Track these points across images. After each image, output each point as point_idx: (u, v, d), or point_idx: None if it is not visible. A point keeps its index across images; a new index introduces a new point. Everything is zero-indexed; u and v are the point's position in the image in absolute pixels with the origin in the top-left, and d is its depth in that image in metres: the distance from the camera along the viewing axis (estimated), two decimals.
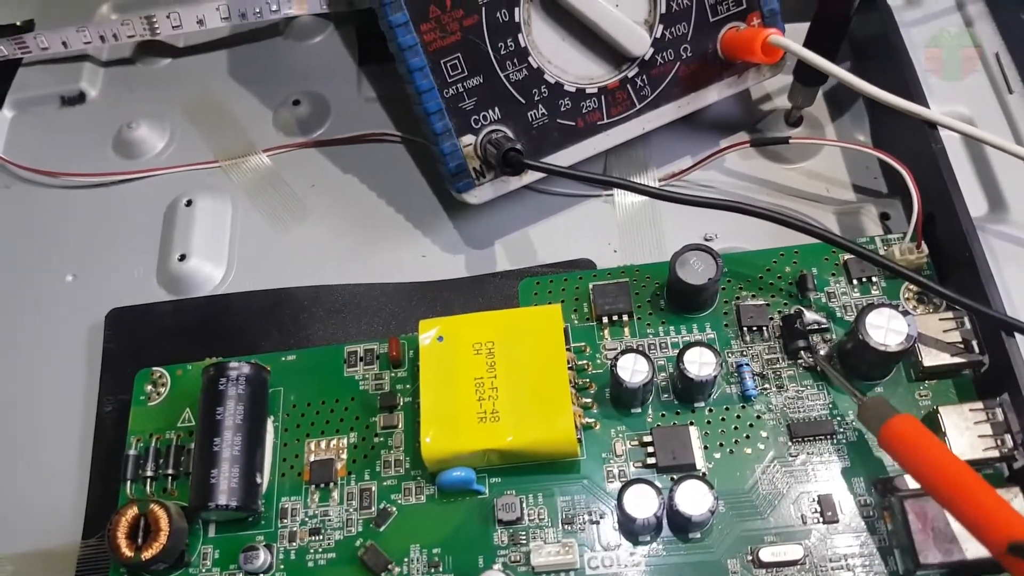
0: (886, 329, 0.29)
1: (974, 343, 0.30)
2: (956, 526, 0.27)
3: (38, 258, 0.42)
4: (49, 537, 0.34)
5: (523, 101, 0.35)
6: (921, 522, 0.27)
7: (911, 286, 0.33)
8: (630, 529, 0.29)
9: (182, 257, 0.40)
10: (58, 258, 0.42)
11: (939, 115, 0.33)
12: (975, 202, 0.37)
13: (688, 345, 0.30)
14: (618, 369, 0.30)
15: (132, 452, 0.33)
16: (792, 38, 0.36)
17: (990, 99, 0.39)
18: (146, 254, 0.41)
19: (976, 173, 0.37)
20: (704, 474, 0.30)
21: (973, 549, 0.27)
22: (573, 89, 0.36)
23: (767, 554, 0.28)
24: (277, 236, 0.41)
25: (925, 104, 0.36)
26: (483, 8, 0.34)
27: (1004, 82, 0.39)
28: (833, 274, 0.33)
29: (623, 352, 0.30)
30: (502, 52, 0.34)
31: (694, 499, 0.28)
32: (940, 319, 0.31)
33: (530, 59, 0.35)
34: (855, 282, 0.33)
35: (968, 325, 0.31)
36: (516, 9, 0.34)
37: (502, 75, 0.35)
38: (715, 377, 0.30)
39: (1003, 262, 0.34)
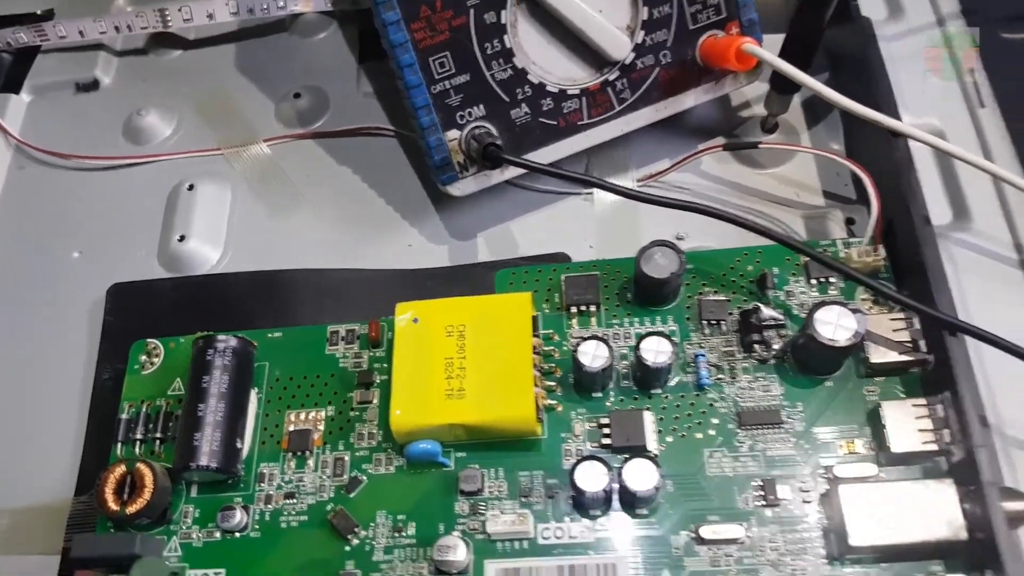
0: (835, 325, 0.31)
1: (921, 343, 0.32)
2: (887, 511, 0.28)
3: (48, 235, 0.45)
4: (45, 493, 0.36)
5: (507, 99, 0.37)
6: (853, 506, 0.28)
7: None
8: (581, 503, 0.30)
9: (182, 238, 0.42)
10: (67, 235, 0.44)
11: (898, 124, 0.34)
12: (940, 211, 0.38)
13: (647, 334, 0.32)
14: (579, 354, 0.32)
15: (124, 416, 0.35)
16: (771, 48, 0.38)
17: (962, 113, 0.40)
18: (149, 234, 0.43)
19: (943, 183, 0.39)
20: (656, 455, 0.31)
21: (903, 533, 0.28)
22: (555, 90, 0.37)
23: (708, 532, 0.30)
24: (272, 221, 0.43)
25: (896, 114, 0.37)
26: (471, 10, 0.36)
27: (977, 96, 0.41)
28: (793, 274, 0.35)
29: (586, 339, 0.32)
30: (488, 52, 0.36)
31: (640, 476, 0.29)
32: (891, 319, 0.32)
33: (515, 60, 0.37)
34: (813, 282, 0.34)
35: (917, 326, 0.32)
36: (503, 12, 0.36)
37: (488, 74, 0.37)
38: (670, 365, 0.31)
39: (962, 269, 0.36)
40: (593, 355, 0.32)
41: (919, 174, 0.37)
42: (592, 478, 0.30)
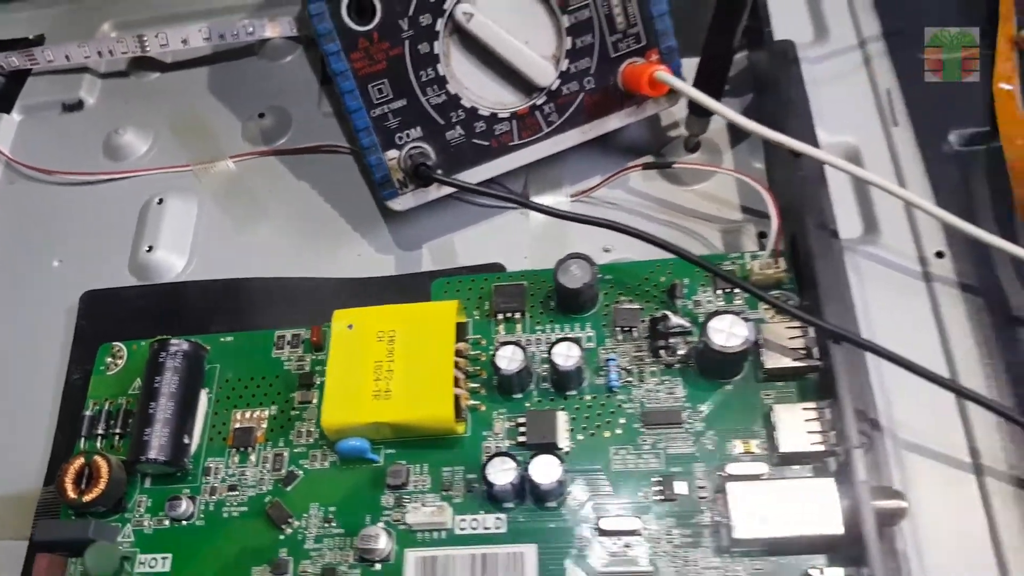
0: (727, 333, 0.33)
1: (815, 350, 0.34)
2: (771, 507, 0.31)
3: (31, 245, 0.48)
4: (17, 483, 0.40)
5: (442, 122, 0.40)
6: (739, 501, 0.31)
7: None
8: (493, 495, 0.33)
9: (150, 248, 0.46)
10: (47, 246, 0.48)
11: (794, 142, 0.36)
12: (852, 225, 0.40)
13: (559, 340, 0.35)
14: (497, 358, 0.35)
15: (88, 413, 0.38)
16: (693, 71, 0.40)
17: (877, 131, 0.43)
18: (122, 245, 0.47)
19: (856, 198, 0.41)
20: (567, 452, 0.34)
21: (784, 528, 0.30)
22: (487, 113, 0.40)
23: (608, 523, 0.32)
24: (234, 233, 0.46)
25: (810, 132, 0.39)
26: (406, 41, 0.39)
27: (892, 115, 0.43)
28: (702, 285, 0.37)
29: (504, 344, 0.35)
30: (423, 79, 0.39)
31: (545, 471, 0.32)
32: (787, 327, 0.35)
33: (448, 86, 0.40)
34: (719, 292, 0.37)
35: (812, 334, 0.35)
36: (436, 43, 0.39)
37: (423, 99, 0.39)
38: (578, 368, 0.34)
39: (868, 282, 0.38)
40: (509, 359, 0.34)
41: (833, 190, 0.39)
42: (501, 472, 0.32)
